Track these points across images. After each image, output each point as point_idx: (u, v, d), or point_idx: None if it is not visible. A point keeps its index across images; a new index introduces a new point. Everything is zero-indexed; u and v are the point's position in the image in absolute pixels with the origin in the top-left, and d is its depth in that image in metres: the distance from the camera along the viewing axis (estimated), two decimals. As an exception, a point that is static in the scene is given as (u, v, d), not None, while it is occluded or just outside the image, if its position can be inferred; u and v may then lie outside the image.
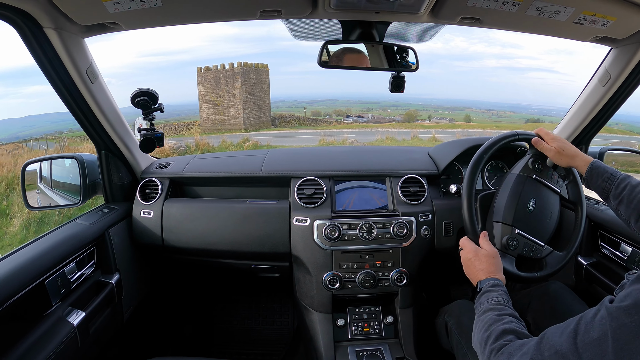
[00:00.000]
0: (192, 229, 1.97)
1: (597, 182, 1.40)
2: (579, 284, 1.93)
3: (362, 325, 1.93)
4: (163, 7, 1.35)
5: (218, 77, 31.25)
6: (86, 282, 1.68)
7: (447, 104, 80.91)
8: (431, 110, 53.63)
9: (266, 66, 37.00)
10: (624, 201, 1.32)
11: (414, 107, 56.08)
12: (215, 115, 30.83)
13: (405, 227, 1.86)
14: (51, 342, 1.37)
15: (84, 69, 1.58)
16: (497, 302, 1.20)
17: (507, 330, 1.05)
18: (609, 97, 1.80)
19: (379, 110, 46.59)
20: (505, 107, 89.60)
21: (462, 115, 41.98)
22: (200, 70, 31.78)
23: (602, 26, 1.46)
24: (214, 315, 2.73)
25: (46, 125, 76.51)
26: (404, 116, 36.63)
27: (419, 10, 1.45)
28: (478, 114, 48.43)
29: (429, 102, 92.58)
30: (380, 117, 35.94)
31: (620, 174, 1.38)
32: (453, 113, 48.78)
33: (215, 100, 30.40)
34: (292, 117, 45.12)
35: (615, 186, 1.36)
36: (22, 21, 1.33)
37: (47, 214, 8.92)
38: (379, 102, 68.69)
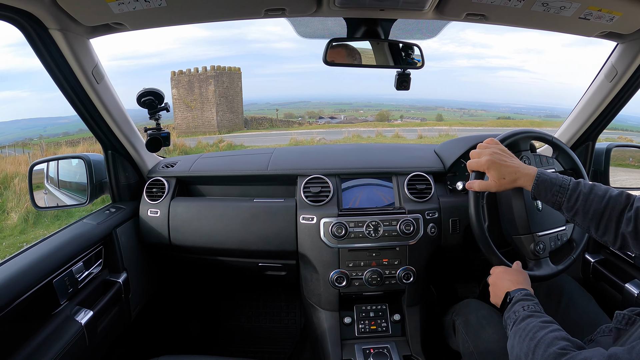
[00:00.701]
0: (199, 228, 1.98)
1: (547, 196, 1.28)
2: (587, 281, 1.93)
3: (369, 323, 1.93)
4: (168, 6, 1.35)
5: (192, 81, 31.48)
6: (94, 281, 1.69)
7: (419, 104, 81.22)
8: (403, 110, 53.75)
9: (239, 69, 37.81)
10: (579, 212, 1.23)
11: (386, 107, 56.24)
12: (189, 118, 31.08)
13: (412, 224, 1.85)
14: (59, 340, 1.38)
15: (90, 70, 1.59)
16: (535, 310, 1.16)
17: (558, 337, 0.99)
18: (615, 92, 1.79)
19: (352, 111, 46.70)
20: (476, 106, 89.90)
21: (434, 115, 42.07)
22: (174, 74, 32.00)
23: (608, 21, 1.45)
24: (221, 314, 2.73)
25: (16, 132, 76.93)
26: (376, 116, 36.65)
27: (424, 7, 1.45)
28: (450, 113, 48.53)
29: (400, 102, 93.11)
30: (352, 118, 36.04)
31: (569, 182, 1.26)
32: (425, 112, 48.88)
33: (189, 104, 30.67)
34: (264, 119, 45.81)
35: (566, 199, 1.24)
36: (27, 23, 1.34)
37: (45, 207, 9.14)
38: (352, 103, 69.07)
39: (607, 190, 1.22)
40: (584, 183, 1.25)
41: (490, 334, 1.50)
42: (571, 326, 1.49)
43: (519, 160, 1.40)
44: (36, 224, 9.37)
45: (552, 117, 39.74)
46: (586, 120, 1.95)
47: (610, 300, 1.80)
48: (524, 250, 1.56)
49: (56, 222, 9.38)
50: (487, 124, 26.90)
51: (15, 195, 10.73)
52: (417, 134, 22.13)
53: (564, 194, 1.24)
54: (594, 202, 1.20)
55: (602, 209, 1.18)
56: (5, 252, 7.87)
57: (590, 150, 2.07)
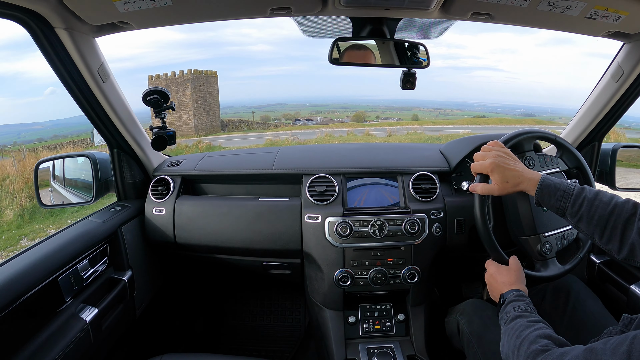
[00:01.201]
0: (204, 226, 1.98)
1: (550, 201, 1.26)
2: (592, 282, 1.92)
3: (373, 323, 1.93)
4: (173, 5, 1.35)
5: (169, 85, 31.70)
6: (99, 279, 1.70)
7: (395, 104, 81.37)
8: (379, 111, 53.75)
9: (215, 73, 38.53)
10: (583, 219, 1.21)
11: (363, 108, 56.27)
12: (166, 122, 31.41)
13: (417, 224, 1.85)
14: (64, 338, 1.39)
15: (96, 69, 1.59)
16: (525, 310, 1.18)
17: (541, 335, 1.02)
18: (622, 92, 1.78)
19: (328, 112, 46.63)
20: (452, 106, 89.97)
21: (410, 115, 42.05)
22: (151, 79, 32.16)
23: (614, 21, 1.44)
24: (225, 312, 2.74)
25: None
26: (353, 117, 36.69)
27: (429, 6, 1.45)
28: (425, 113, 48.54)
29: (377, 103, 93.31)
30: (329, 120, 36.10)
31: (573, 187, 1.24)
32: (401, 113, 48.83)
33: None
34: (241, 121, 46.27)
35: (570, 204, 1.22)
36: (33, 22, 1.34)
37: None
38: (328, 105, 69.11)
39: (612, 197, 1.20)
40: (589, 189, 1.23)
41: (495, 335, 1.50)
42: (578, 326, 1.49)
43: (523, 163, 1.39)
44: (31, 219, 9.95)
45: (527, 116, 39.85)
46: (592, 120, 1.94)
47: (616, 302, 1.79)
48: (531, 251, 1.56)
49: (50, 218, 9.86)
50: (458, 122, 27.34)
51: (9, 195, 11.25)
52: (387, 132, 23.09)
53: (567, 199, 1.23)
54: (599, 208, 1.18)
55: (607, 215, 1.17)
56: (5, 244, 8.46)
57: (597, 150, 2.06)
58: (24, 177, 12.32)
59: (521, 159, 1.61)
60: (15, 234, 9.14)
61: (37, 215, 9.98)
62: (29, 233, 9.19)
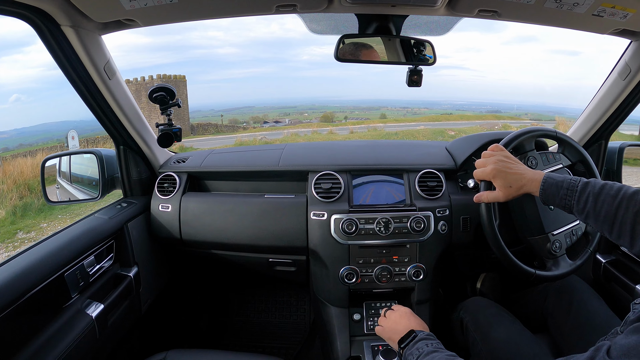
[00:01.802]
0: (210, 223, 1.99)
1: (555, 200, 1.24)
2: (597, 282, 1.91)
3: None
4: (179, 2, 1.36)
5: (139, 90, 31.60)
6: (105, 275, 1.71)
7: (364, 105, 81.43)
8: (347, 111, 53.68)
9: (184, 77, 39.45)
10: (590, 215, 1.18)
11: (331, 109, 56.27)
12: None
13: (422, 222, 1.84)
14: (70, 333, 1.40)
15: (102, 66, 1.60)
16: (439, 347, 1.20)
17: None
18: (629, 91, 1.77)
19: (296, 114, 46.47)
20: (419, 104, 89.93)
21: (378, 114, 42.00)
22: None
23: (621, 18, 1.43)
24: (231, 309, 2.75)
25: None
26: (321, 118, 36.76)
27: (435, 3, 1.44)
28: (393, 112, 48.49)
29: (345, 104, 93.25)
30: (297, 121, 36.14)
31: (577, 183, 1.22)
32: (369, 112, 48.72)
33: None
34: (209, 125, 46.74)
35: (576, 201, 1.20)
36: (39, 20, 1.35)
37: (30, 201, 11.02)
38: (296, 107, 68.99)
39: (620, 189, 1.16)
40: (594, 183, 1.20)
41: (499, 333, 1.50)
42: (583, 327, 1.48)
43: (525, 164, 1.38)
44: (24, 216, 10.59)
45: (494, 112, 40.06)
46: (599, 118, 1.93)
47: (620, 302, 1.78)
48: (541, 251, 1.56)
49: (41, 214, 10.44)
50: (421, 119, 27.94)
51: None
52: (349, 130, 24.00)
53: (572, 196, 1.21)
54: (605, 203, 1.15)
55: (615, 210, 1.14)
56: (3, 237, 9.12)
57: (603, 149, 2.05)
58: (12, 179, 12.94)
59: (523, 160, 1.61)
60: (10, 229, 9.67)
61: (28, 212, 10.51)
62: (23, 227, 9.71)
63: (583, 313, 1.52)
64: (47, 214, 10.38)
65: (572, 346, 1.48)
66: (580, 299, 1.56)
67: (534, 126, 1.95)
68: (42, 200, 10.06)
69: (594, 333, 1.40)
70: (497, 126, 22.70)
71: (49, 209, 10.55)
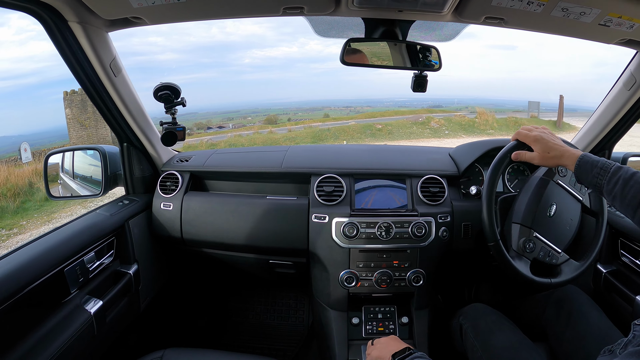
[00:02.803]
0: (211, 223, 1.99)
1: (588, 178, 1.28)
2: (597, 292, 1.91)
3: (376, 325, 1.93)
4: (186, 2, 1.36)
5: (84, 100, 31.11)
6: (105, 271, 1.71)
7: (307, 106, 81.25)
8: (291, 113, 53.51)
9: None
10: (617, 197, 1.22)
11: (274, 111, 56.22)
12: (84, 136, 30.70)
13: (423, 227, 1.84)
14: (68, 328, 1.40)
15: (108, 63, 1.60)
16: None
17: None
18: (634, 101, 1.77)
19: (240, 118, 46.27)
20: (362, 103, 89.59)
21: (322, 114, 42.04)
22: (67, 94, 31.83)
23: (628, 29, 1.43)
24: (229, 309, 2.75)
25: None
26: (264, 121, 36.84)
27: (442, 9, 1.45)
28: (336, 112, 48.41)
29: (288, 106, 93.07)
30: (240, 125, 36.19)
31: (612, 166, 1.25)
32: (312, 113, 48.61)
33: (83, 122, 30.32)
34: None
35: (606, 181, 1.24)
36: (47, 15, 1.36)
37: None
38: (239, 111, 68.86)
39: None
40: (627, 168, 1.23)
41: (499, 340, 1.49)
42: (582, 338, 1.48)
43: None
44: (1, 217, 10.48)
45: (435, 107, 40.72)
46: (603, 128, 1.93)
47: (620, 312, 1.78)
48: (514, 240, 1.57)
49: (17, 215, 10.53)
50: (358, 117, 28.55)
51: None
52: (288, 129, 24.90)
53: (604, 176, 1.24)
54: (633, 189, 1.18)
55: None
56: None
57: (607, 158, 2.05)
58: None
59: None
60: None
61: (5, 214, 10.54)
62: (5, 226, 9.71)
63: (582, 324, 1.51)
64: (23, 214, 10.49)
65: (571, 357, 1.48)
66: (579, 310, 1.55)
67: None
68: (17, 203, 10.77)
69: (593, 344, 1.40)
70: (420, 118, 23.76)
71: (23, 210, 10.73)
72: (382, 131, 22.01)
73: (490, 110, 29.99)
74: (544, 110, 29.57)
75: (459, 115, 26.11)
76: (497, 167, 1.55)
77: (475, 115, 25.06)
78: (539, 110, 29.54)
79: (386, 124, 23.34)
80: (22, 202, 11.16)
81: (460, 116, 25.74)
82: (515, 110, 32.56)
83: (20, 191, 11.59)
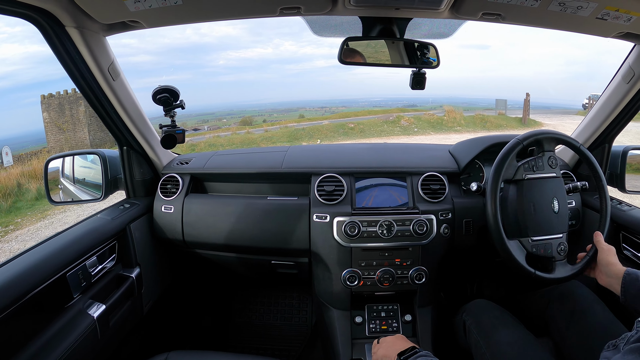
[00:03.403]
0: (213, 224, 1.99)
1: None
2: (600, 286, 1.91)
3: (380, 323, 1.93)
4: (184, 4, 1.36)
5: (62, 103, 31.11)
6: (107, 275, 1.71)
7: (282, 107, 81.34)
8: (266, 114, 53.47)
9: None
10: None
11: (249, 113, 56.10)
12: (62, 140, 30.51)
13: (425, 225, 1.84)
14: (72, 333, 1.40)
15: (106, 67, 1.60)
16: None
17: None
18: (632, 94, 1.77)
19: (215, 120, 46.15)
20: (337, 103, 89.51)
21: (297, 115, 42.07)
22: (44, 98, 31.67)
23: (625, 22, 1.43)
24: (233, 310, 2.75)
25: None
26: (240, 122, 36.90)
27: (439, 6, 1.45)
28: (312, 112, 48.37)
29: (263, 107, 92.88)
30: (216, 127, 36.24)
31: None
32: (288, 114, 48.56)
33: (61, 126, 30.13)
34: None
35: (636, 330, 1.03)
36: (44, 21, 1.36)
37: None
38: (214, 113, 68.67)
39: None
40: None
41: (503, 336, 1.49)
42: (587, 333, 1.48)
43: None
44: None
45: (410, 106, 41.09)
46: (602, 122, 1.93)
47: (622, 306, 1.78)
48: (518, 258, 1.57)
49: (10, 214, 10.78)
50: (333, 117, 28.94)
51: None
52: (264, 129, 25.64)
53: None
54: None
55: None
56: None
57: (607, 152, 2.05)
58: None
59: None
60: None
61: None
62: (1, 224, 9.99)
63: (585, 319, 1.51)
64: (16, 213, 10.75)
65: (574, 352, 1.48)
66: (582, 305, 1.55)
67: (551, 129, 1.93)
68: (8, 203, 11.08)
69: (597, 339, 1.40)
70: (391, 117, 24.69)
71: (16, 209, 11.03)
72: (355, 130, 22.50)
73: (463, 108, 31.06)
74: (512, 108, 30.37)
75: (428, 114, 27.24)
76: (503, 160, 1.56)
77: (444, 113, 26.02)
78: (506, 108, 30.44)
79: (358, 122, 24.02)
80: (14, 202, 11.44)
81: (430, 114, 26.81)
82: (486, 108, 33.27)
83: (11, 192, 11.87)
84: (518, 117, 25.41)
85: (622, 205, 1.91)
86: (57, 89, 42.90)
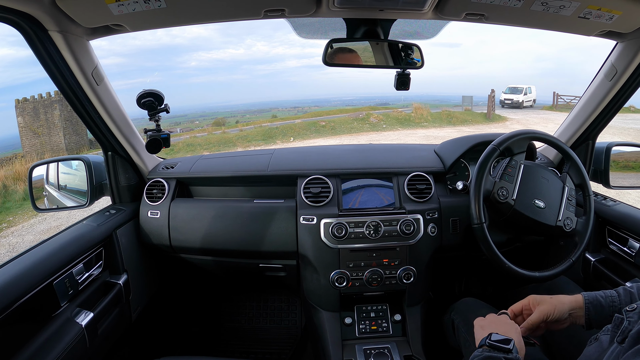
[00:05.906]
0: (199, 229, 1.98)
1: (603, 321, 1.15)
2: (587, 280, 1.93)
3: (369, 324, 1.93)
4: (167, 8, 1.35)
5: (37, 107, 30.90)
6: (94, 282, 1.69)
7: (254, 107, 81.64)
8: (238, 115, 53.56)
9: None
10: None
11: (222, 114, 56.15)
12: (37, 145, 30.32)
13: (412, 224, 1.85)
14: (60, 342, 1.38)
15: (90, 71, 1.59)
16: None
17: None
18: (615, 91, 1.79)
19: (187, 123, 46.09)
20: (309, 103, 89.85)
21: (269, 115, 42.38)
22: (18, 102, 31.44)
23: (607, 20, 1.45)
24: (222, 315, 2.73)
25: None
26: (213, 124, 37.17)
27: (423, 7, 1.45)
28: (284, 112, 48.63)
29: (235, 108, 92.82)
30: (188, 129, 36.43)
31: (615, 294, 1.19)
32: (260, 115, 48.80)
33: (36, 130, 29.99)
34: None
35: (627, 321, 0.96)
36: (27, 25, 1.34)
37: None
38: (187, 115, 68.72)
39: None
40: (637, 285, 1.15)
41: None
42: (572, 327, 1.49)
43: None
44: None
45: (382, 105, 41.69)
46: (586, 119, 1.95)
47: None
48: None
49: (2, 213, 10.86)
50: (304, 116, 29.42)
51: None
52: (239, 128, 26.17)
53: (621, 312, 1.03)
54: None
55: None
56: None
57: (590, 149, 2.07)
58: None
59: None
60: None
61: None
62: None
63: None
64: (7, 212, 10.85)
65: (563, 346, 1.49)
66: None
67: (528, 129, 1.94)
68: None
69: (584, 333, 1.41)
70: (360, 115, 26.06)
71: (6, 209, 11.13)
72: (326, 127, 23.03)
73: (433, 105, 32.73)
74: (479, 104, 31.39)
75: (397, 111, 28.04)
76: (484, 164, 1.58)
77: (412, 110, 26.95)
78: (472, 103, 31.67)
79: (329, 121, 24.63)
80: (3, 203, 11.57)
81: (398, 112, 27.61)
82: (456, 105, 34.21)
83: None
84: (483, 112, 26.53)
85: (606, 201, 1.93)
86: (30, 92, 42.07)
